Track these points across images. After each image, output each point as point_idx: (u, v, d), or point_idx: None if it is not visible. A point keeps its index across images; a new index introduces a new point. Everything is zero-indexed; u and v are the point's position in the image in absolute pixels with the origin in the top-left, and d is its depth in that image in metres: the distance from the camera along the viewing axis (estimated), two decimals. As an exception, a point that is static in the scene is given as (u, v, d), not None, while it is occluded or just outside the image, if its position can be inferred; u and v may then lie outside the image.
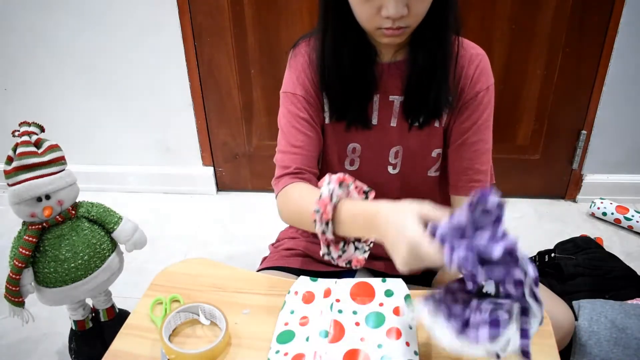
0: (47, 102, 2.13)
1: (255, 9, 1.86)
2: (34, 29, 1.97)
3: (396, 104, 0.91)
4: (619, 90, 1.87)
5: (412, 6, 0.76)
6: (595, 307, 1.10)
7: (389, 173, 0.98)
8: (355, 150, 0.96)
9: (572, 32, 1.79)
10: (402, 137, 0.94)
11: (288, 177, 0.89)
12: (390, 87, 0.90)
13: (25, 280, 1.14)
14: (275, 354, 0.71)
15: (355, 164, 0.98)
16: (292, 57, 0.96)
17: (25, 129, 1.12)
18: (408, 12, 0.76)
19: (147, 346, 0.76)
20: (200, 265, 0.91)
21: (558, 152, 2.05)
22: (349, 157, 0.97)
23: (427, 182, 0.99)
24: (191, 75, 2.02)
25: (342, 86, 0.89)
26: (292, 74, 0.94)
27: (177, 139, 2.18)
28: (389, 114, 0.92)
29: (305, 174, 0.90)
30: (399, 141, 0.94)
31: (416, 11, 0.77)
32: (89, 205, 1.21)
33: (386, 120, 0.93)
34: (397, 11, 0.74)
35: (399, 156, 0.96)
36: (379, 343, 0.69)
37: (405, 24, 0.78)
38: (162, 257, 1.78)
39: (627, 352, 1.04)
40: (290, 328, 0.73)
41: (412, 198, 0.94)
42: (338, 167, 0.98)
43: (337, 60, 0.87)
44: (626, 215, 1.92)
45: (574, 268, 1.37)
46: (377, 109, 0.92)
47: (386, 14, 0.75)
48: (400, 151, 0.95)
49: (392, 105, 0.91)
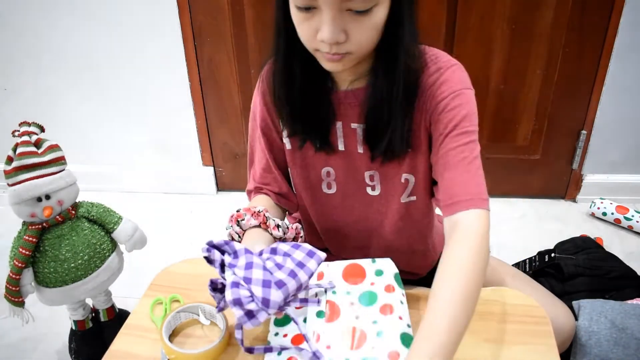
0: (47, 102, 2.13)
1: (255, 9, 1.86)
2: (33, 29, 1.97)
3: (359, 132, 0.86)
4: (619, 90, 1.87)
5: (350, 33, 0.70)
6: (595, 307, 1.09)
7: (369, 195, 0.92)
8: (329, 174, 0.92)
9: (572, 32, 1.79)
10: (371, 163, 0.87)
11: (253, 192, 0.97)
12: (350, 115, 0.85)
13: (25, 280, 1.14)
14: (274, 336, 0.74)
15: (332, 187, 0.94)
16: (259, 78, 0.94)
17: (25, 129, 1.12)
18: (347, 39, 0.70)
19: (147, 346, 0.76)
20: (200, 265, 0.91)
21: (558, 152, 2.05)
22: (324, 180, 0.93)
23: (405, 207, 0.92)
24: (191, 75, 2.02)
25: (292, 115, 0.86)
26: (256, 98, 0.94)
27: (177, 139, 2.18)
28: (354, 141, 0.87)
29: (263, 189, 0.96)
30: (371, 166, 0.88)
31: (357, 39, 0.70)
32: (89, 205, 1.21)
33: (353, 147, 0.88)
34: (331, 36, 0.69)
35: (374, 180, 0.90)
36: (374, 319, 0.72)
37: (345, 50, 0.72)
38: (162, 257, 1.78)
39: (627, 352, 1.04)
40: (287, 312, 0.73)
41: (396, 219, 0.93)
42: (317, 191, 0.95)
43: (287, 89, 0.83)
44: (626, 215, 1.92)
45: (574, 268, 1.37)
46: (342, 136, 0.87)
47: (320, 38, 0.70)
48: (375, 175, 0.90)
49: (355, 132, 0.86)
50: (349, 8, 0.67)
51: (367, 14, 0.68)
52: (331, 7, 0.67)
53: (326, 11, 0.68)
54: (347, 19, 0.69)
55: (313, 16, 0.70)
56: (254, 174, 0.97)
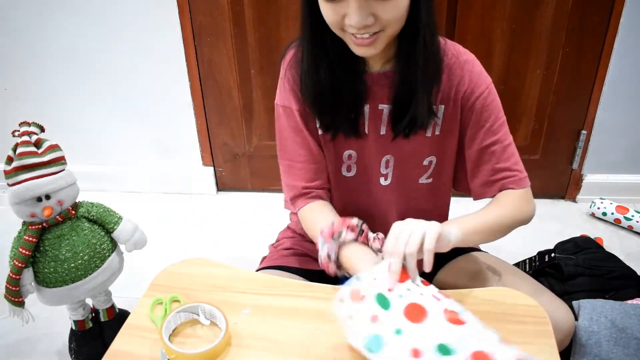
0: (47, 102, 2.13)
1: (255, 9, 1.86)
2: (34, 30, 1.97)
3: (385, 112, 0.90)
4: (619, 90, 1.87)
5: (379, 14, 0.73)
6: (595, 307, 1.09)
7: (381, 184, 0.97)
8: (351, 157, 0.95)
9: (572, 32, 1.79)
10: (391, 145, 0.93)
11: (301, 199, 0.96)
12: (380, 97, 0.89)
13: (25, 280, 1.14)
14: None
15: (352, 170, 0.97)
16: (282, 67, 0.95)
17: (25, 129, 1.12)
18: (375, 20, 0.74)
19: (147, 346, 0.76)
20: (200, 265, 0.91)
21: (558, 152, 2.05)
22: (345, 163, 0.96)
23: (419, 190, 0.98)
24: (191, 75, 2.02)
25: (322, 101, 0.88)
26: (285, 86, 0.94)
27: (177, 139, 2.18)
28: (378, 123, 0.91)
29: (314, 191, 0.95)
30: (389, 149, 0.93)
31: (385, 18, 0.74)
32: (89, 205, 1.21)
33: (377, 129, 0.92)
34: (359, 20, 0.72)
35: (389, 166, 0.95)
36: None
37: (375, 30, 0.75)
38: (162, 257, 1.77)
39: (627, 352, 1.04)
40: (375, 332, 0.67)
41: (403, 208, 0.96)
42: (335, 174, 0.97)
43: (315, 77, 0.85)
44: (626, 215, 1.92)
45: (574, 268, 1.37)
46: (368, 118, 0.91)
47: (349, 23, 0.74)
48: (391, 160, 0.95)
49: (381, 113, 0.91)
50: None
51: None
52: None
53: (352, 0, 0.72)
54: (372, 4, 0.73)
55: (340, 3, 0.74)
56: (297, 174, 0.95)
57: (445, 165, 0.97)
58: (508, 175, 0.92)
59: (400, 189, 0.97)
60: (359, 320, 0.68)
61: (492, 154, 0.91)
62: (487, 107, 0.90)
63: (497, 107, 0.91)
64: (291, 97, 0.93)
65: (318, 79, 0.85)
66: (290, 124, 0.94)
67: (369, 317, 0.68)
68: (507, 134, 0.92)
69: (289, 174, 0.96)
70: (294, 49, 0.92)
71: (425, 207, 1.00)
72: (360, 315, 0.68)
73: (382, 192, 0.97)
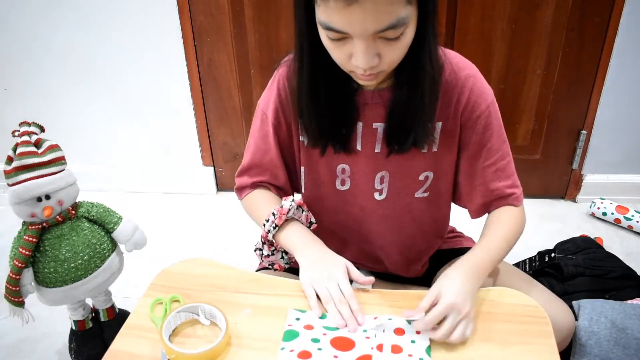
0: (47, 102, 2.13)
1: (255, 9, 1.86)
2: (33, 29, 1.97)
3: (380, 131, 0.89)
4: (619, 90, 1.87)
5: (383, 55, 0.72)
6: (595, 307, 1.09)
7: (376, 199, 0.96)
8: (344, 170, 0.94)
9: (572, 32, 1.79)
10: (386, 162, 0.91)
11: (247, 189, 1.02)
12: (374, 115, 0.88)
13: (25, 280, 1.13)
14: (280, 351, 0.72)
15: (346, 184, 0.96)
16: (274, 75, 0.95)
17: (25, 129, 1.12)
18: (380, 60, 0.73)
19: (147, 346, 0.76)
20: (200, 265, 0.91)
21: (558, 152, 2.05)
22: (339, 177, 0.95)
23: (415, 203, 0.96)
24: (191, 75, 2.02)
25: (317, 117, 0.87)
26: (270, 95, 0.95)
27: (177, 139, 2.18)
28: (372, 141, 0.90)
29: (264, 184, 1.01)
30: (384, 166, 0.92)
31: (390, 59, 0.74)
32: (89, 205, 1.21)
33: (370, 146, 0.91)
34: (366, 62, 0.72)
35: (384, 181, 0.94)
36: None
37: (379, 70, 0.75)
38: (162, 257, 1.78)
39: (627, 352, 1.04)
40: None
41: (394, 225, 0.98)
42: (330, 187, 0.97)
43: (312, 93, 0.84)
44: (626, 215, 1.92)
45: (574, 268, 1.37)
46: (361, 136, 0.90)
47: (355, 64, 0.73)
48: (386, 176, 0.93)
49: (376, 132, 0.89)
50: (381, 36, 0.70)
51: (398, 39, 0.71)
52: (364, 38, 0.69)
53: (359, 41, 0.70)
54: (379, 45, 0.71)
55: (345, 42, 0.72)
56: (250, 167, 1.00)
57: (442, 181, 0.96)
58: (509, 194, 0.93)
59: (395, 203, 0.96)
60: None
61: (494, 173, 0.91)
62: (489, 127, 0.89)
63: (498, 125, 0.90)
64: (271, 107, 0.94)
65: (311, 95, 0.84)
66: (262, 128, 0.97)
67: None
68: (507, 152, 0.92)
69: (245, 173, 1.01)
70: (287, 62, 0.92)
71: (422, 219, 0.99)
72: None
73: (377, 206, 0.96)
